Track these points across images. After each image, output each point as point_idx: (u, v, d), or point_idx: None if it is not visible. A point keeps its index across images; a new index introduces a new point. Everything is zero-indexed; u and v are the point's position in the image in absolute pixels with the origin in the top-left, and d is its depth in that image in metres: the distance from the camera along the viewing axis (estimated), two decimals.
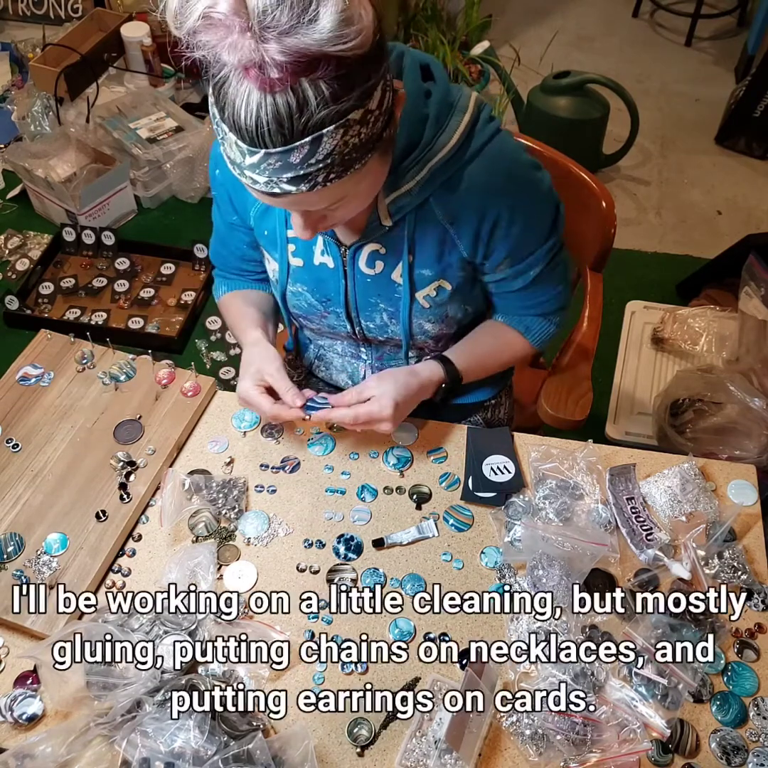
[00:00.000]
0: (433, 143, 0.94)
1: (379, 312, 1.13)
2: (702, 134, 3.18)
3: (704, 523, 1.06)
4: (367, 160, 0.80)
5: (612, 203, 1.41)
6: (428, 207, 1.00)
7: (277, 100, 0.71)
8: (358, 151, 0.78)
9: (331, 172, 0.77)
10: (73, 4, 3.45)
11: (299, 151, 0.74)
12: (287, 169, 0.76)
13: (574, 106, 2.76)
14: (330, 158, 0.76)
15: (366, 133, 0.77)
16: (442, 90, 0.95)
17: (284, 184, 0.78)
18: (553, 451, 1.15)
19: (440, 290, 1.09)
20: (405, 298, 1.09)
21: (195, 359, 2.36)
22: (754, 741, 0.92)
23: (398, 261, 1.06)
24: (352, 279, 1.09)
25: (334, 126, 0.74)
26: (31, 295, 2.51)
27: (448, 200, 1.00)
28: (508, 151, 1.00)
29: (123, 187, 2.69)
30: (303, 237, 0.92)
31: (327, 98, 0.72)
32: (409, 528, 1.09)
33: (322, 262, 1.09)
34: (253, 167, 0.77)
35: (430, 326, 1.13)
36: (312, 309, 1.17)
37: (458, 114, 0.95)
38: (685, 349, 2.22)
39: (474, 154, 0.97)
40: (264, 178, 0.78)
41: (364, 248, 1.06)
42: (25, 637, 0.99)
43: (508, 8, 3.78)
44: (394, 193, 0.97)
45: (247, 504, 1.12)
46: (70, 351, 1.27)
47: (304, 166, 0.76)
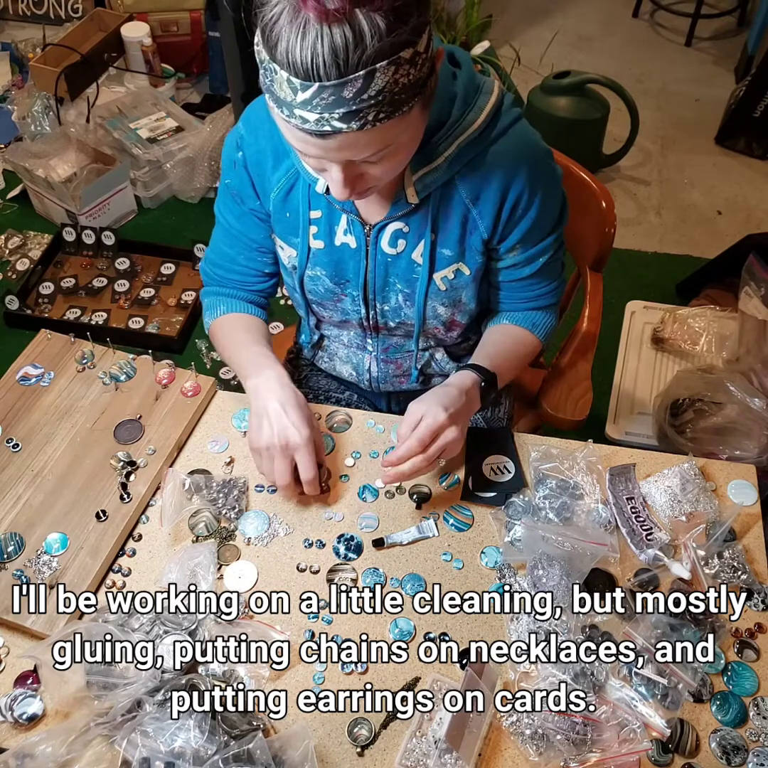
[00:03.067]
0: (461, 120, 0.98)
1: (395, 293, 1.14)
2: (702, 134, 3.18)
3: (704, 523, 1.06)
4: (413, 105, 0.82)
5: (612, 203, 1.41)
6: (453, 186, 1.03)
7: (334, 31, 0.72)
8: (407, 92, 0.79)
9: (380, 111, 0.78)
10: (73, 4, 3.45)
11: (353, 84, 0.75)
12: (340, 104, 0.77)
13: (574, 106, 2.76)
14: (381, 95, 0.77)
15: (414, 74, 0.79)
16: (468, 73, 0.99)
17: (335, 120, 0.78)
18: (553, 451, 1.15)
19: (459, 273, 1.11)
20: (423, 277, 1.10)
21: (195, 359, 2.36)
22: (754, 741, 0.92)
23: (420, 240, 1.08)
24: (373, 259, 1.10)
25: (387, 62, 0.75)
26: (31, 295, 2.51)
27: (472, 179, 1.03)
28: (530, 136, 1.05)
29: (123, 187, 2.69)
30: (340, 196, 0.91)
31: (382, 31, 0.73)
32: (409, 528, 1.09)
33: (344, 242, 1.10)
34: (305, 104, 0.77)
35: (443, 310, 1.15)
36: (328, 294, 1.17)
37: (485, 95, 0.99)
38: (685, 349, 2.22)
39: (499, 134, 1.01)
40: (315, 115, 0.78)
41: (387, 227, 1.07)
42: (25, 637, 0.99)
43: (508, 8, 3.78)
44: (422, 169, 0.99)
45: (248, 504, 1.12)
46: (70, 351, 1.27)
47: (357, 101, 0.77)
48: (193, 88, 3.29)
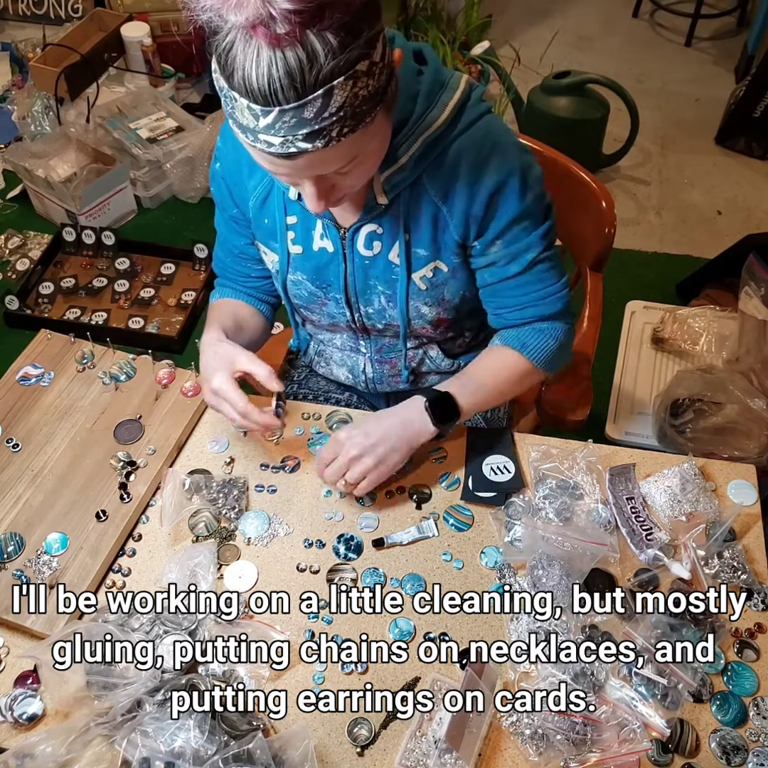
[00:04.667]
0: (424, 117, 0.96)
1: (377, 295, 1.14)
2: (702, 134, 3.18)
3: (704, 523, 1.06)
4: (375, 114, 0.82)
5: (612, 203, 1.41)
6: (421, 185, 1.03)
7: (287, 55, 0.73)
8: (367, 104, 0.80)
9: (344, 126, 0.79)
10: (73, 4, 3.45)
11: (312, 104, 0.76)
12: (302, 125, 0.77)
13: (574, 106, 2.76)
14: (342, 110, 0.77)
15: (373, 85, 0.79)
16: (433, 70, 0.97)
17: (300, 141, 0.79)
18: (553, 451, 1.15)
19: (437, 271, 1.10)
20: (402, 278, 1.10)
21: (195, 359, 2.32)
22: (754, 741, 0.92)
23: (395, 240, 1.07)
24: (351, 262, 1.11)
25: (344, 77, 0.75)
26: (31, 295, 2.51)
27: (439, 177, 1.01)
28: (497, 130, 1.02)
29: (123, 187, 2.69)
30: (315, 209, 0.91)
31: (335, 48, 0.73)
32: (409, 528, 1.09)
33: (322, 246, 1.11)
34: (267, 128, 0.78)
35: (427, 309, 1.14)
36: (312, 297, 1.17)
37: (449, 91, 0.98)
38: (685, 349, 2.22)
39: (463, 129, 0.99)
40: (279, 139, 0.79)
41: (361, 229, 1.07)
42: (25, 637, 0.99)
43: (508, 8, 3.78)
44: (388, 169, 0.99)
45: (247, 504, 1.12)
46: (70, 351, 1.27)
47: (318, 120, 0.77)
48: (193, 88, 3.29)
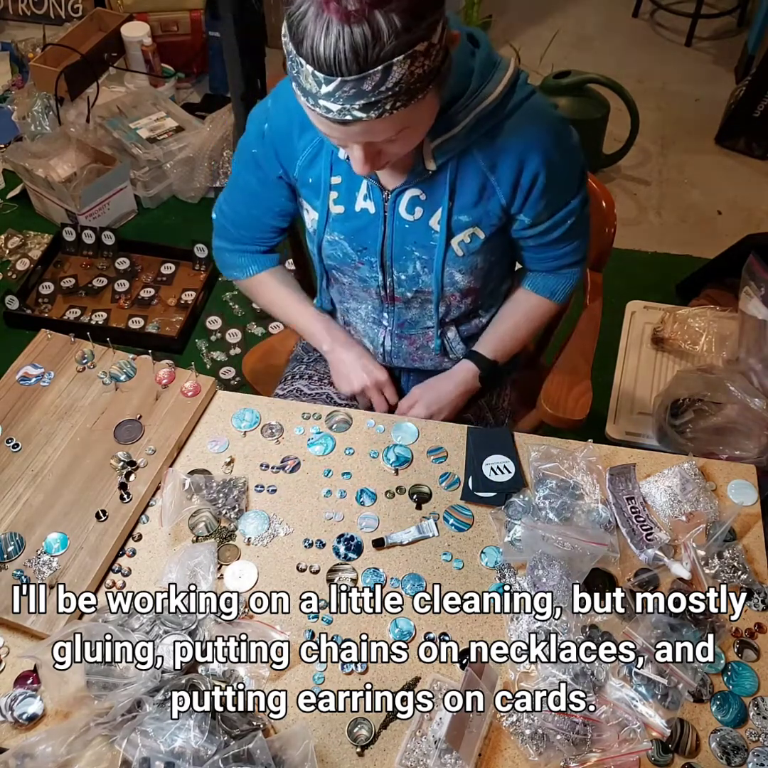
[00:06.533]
0: (478, 92, 1.02)
1: (412, 261, 1.17)
2: (702, 134, 3.18)
3: (704, 523, 1.06)
4: (428, 92, 0.88)
5: (612, 203, 1.41)
6: (470, 154, 1.08)
7: (354, 31, 0.79)
8: (422, 82, 0.86)
9: (397, 100, 0.85)
10: (73, 4, 3.45)
11: (372, 78, 0.82)
12: (360, 96, 0.83)
13: (574, 106, 2.76)
14: (398, 86, 0.83)
15: (428, 64, 0.85)
16: (485, 50, 1.04)
17: (356, 111, 0.85)
18: (553, 451, 1.15)
19: (474, 237, 1.15)
20: (440, 244, 1.14)
21: (195, 359, 2.36)
22: (754, 741, 0.92)
23: (437, 207, 1.12)
24: (391, 225, 1.14)
25: (403, 56, 0.81)
26: (31, 294, 2.51)
27: (490, 148, 1.07)
28: (544, 108, 1.10)
29: (123, 187, 2.69)
30: (361, 172, 0.98)
31: (398, 29, 0.80)
32: (409, 528, 1.09)
33: (364, 207, 1.14)
34: (328, 96, 0.84)
35: (460, 277, 1.19)
36: (347, 259, 1.21)
37: (501, 70, 1.04)
38: (685, 349, 2.21)
39: (515, 107, 1.06)
40: (338, 106, 0.85)
41: (405, 193, 1.11)
42: (25, 637, 0.99)
43: (508, 8, 3.78)
44: (440, 137, 1.03)
45: (247, 504, 1.12)
46: (70, 351, 1.27)
47: (375, 93, 0.83)
48: (193, 88, 3.29)
